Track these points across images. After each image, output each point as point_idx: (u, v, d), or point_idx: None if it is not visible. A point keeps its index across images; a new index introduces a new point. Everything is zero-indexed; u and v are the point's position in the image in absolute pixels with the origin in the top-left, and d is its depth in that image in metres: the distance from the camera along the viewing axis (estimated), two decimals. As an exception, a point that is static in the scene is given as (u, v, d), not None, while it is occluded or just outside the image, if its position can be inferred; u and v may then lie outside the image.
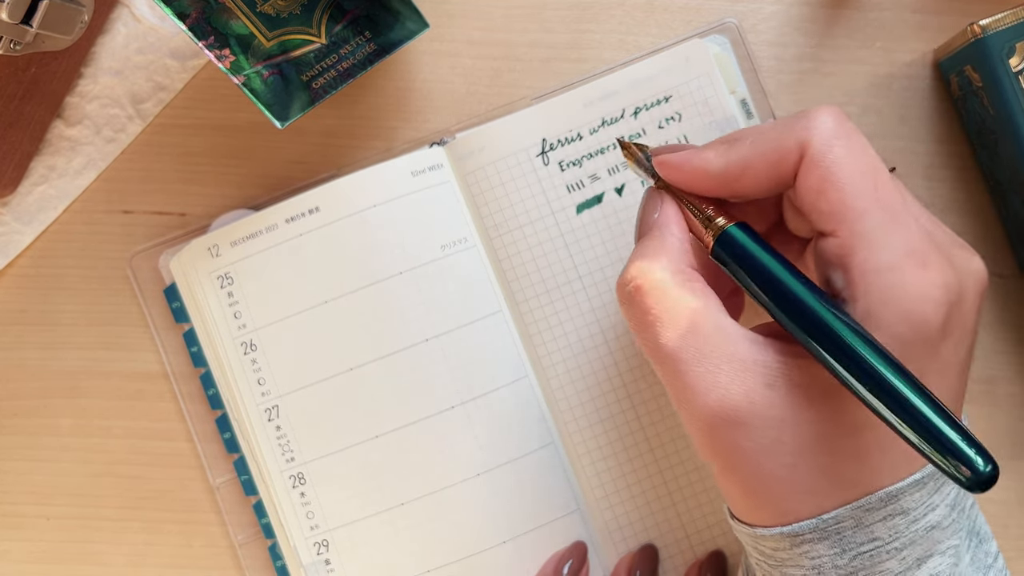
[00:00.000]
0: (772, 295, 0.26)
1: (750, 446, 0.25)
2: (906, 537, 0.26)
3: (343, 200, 0.38)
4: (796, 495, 0.26)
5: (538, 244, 0.38)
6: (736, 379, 0.25)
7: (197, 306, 0.39)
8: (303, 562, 0.38)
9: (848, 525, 0.26)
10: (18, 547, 0.40)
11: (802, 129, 0.27)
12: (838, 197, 0.26)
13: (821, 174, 0.26)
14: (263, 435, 0.38)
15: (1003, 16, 0.35)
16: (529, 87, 0.40)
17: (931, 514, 0.27)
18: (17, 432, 0.40)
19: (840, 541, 0.26)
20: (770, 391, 0.25)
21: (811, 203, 0.26)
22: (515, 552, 0.37)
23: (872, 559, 0.26)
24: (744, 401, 0.25)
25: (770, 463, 0.26)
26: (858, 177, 0.26)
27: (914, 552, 0.27)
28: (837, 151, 0.26)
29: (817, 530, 0.26)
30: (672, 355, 0.26)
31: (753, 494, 0.27)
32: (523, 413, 0.38)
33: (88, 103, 0.40)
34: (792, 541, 0.27)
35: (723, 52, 0.39)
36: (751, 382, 0.25)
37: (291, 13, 0.37)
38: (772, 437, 0.25)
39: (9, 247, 0.40)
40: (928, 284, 0.25)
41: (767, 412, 0.25)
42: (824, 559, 0.26)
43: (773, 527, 0.27)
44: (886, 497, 0.26)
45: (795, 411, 0.25)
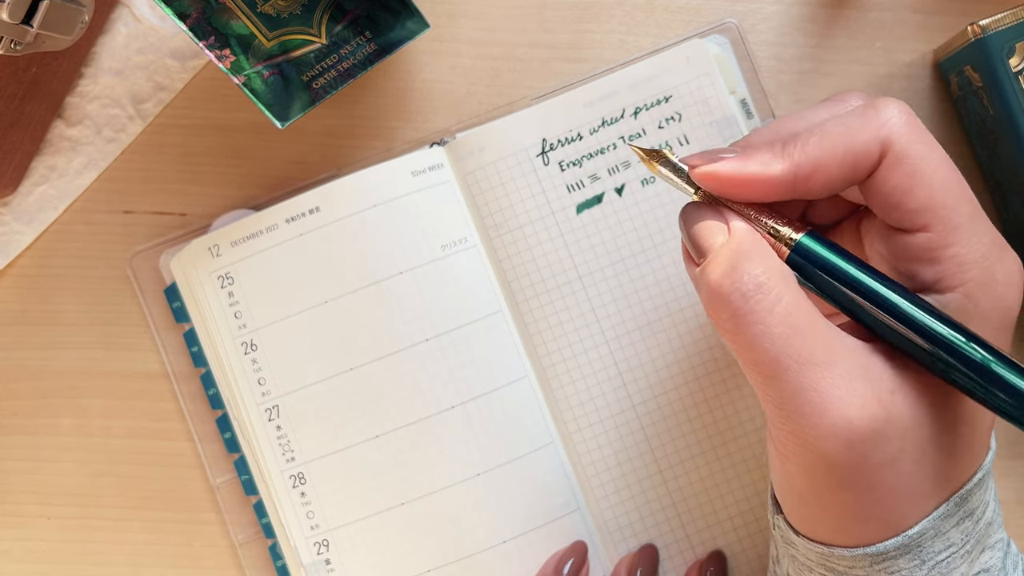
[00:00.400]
0: (864, 299, 0.25)
1: (880, 459, 0.24)
2: (974, 538, 0.26)
3: (343, 200, 0.38)
4: (906, 504, 0.25)
5: (538, 244, 0.38)
6: (871, 387, 0.24)
7: (197, 306, 0.39)
8: (303, 562, 0.38)
9: (928, 536, 0.25)
10: (19, 547, 0.40)
11: (880, 126, 0.25)
12: (928, 194, 0.25)
13: (908, 171, 0.25)
14: (263, 435, 0.38)
15: (1003, 16, 0.35)
16: (529, 87, 0.40)
17: (987, 511, 0.27)
18: (18, 432, 0.40)
19: (920, 553, 0.26)
20: (894, 397, 0.24)
21: (897, 200, 0.25)
22: (515, 552, 0.37)
23: (948, 566, 0.26)
24: (882, 410, 0.24)
25: (892, 475, 0.24)
26: (944, 173, 0.25)
27: (976, 550, 0.26)
28: (920, 147, 0.25)
29: (901, 547, 0.25)
30: (795, 364, 0.24)
31: (861, 512, 0.25)
32: (523, 413, 0.38)
33: (89, 103, 0.40)
34: (873, 559, 0.25)
35: (723, 52, 0.39)
36: (882, 390, 0.24)
37: (291, 13, 0.37)
38: (898, 447, 0.24)
39: (10, 247, 0.40)
40: (1011, 271, 0.26)
41: (899, 420, 0.24)
42: (903, 572, 0.26)
43: (855, 547, 0.25)
44: (959, 500, 0.26)
45: (914, 416, 0.24)
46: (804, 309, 0.24)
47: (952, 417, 0.25)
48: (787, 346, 0.24)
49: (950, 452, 0.25)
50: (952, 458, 0.25)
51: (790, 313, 0.24)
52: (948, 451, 0.25)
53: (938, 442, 0.25)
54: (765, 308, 0.24)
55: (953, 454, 0.25)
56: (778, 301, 0.24)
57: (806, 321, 0.24)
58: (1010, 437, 0.40)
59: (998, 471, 0.40)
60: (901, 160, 0.25)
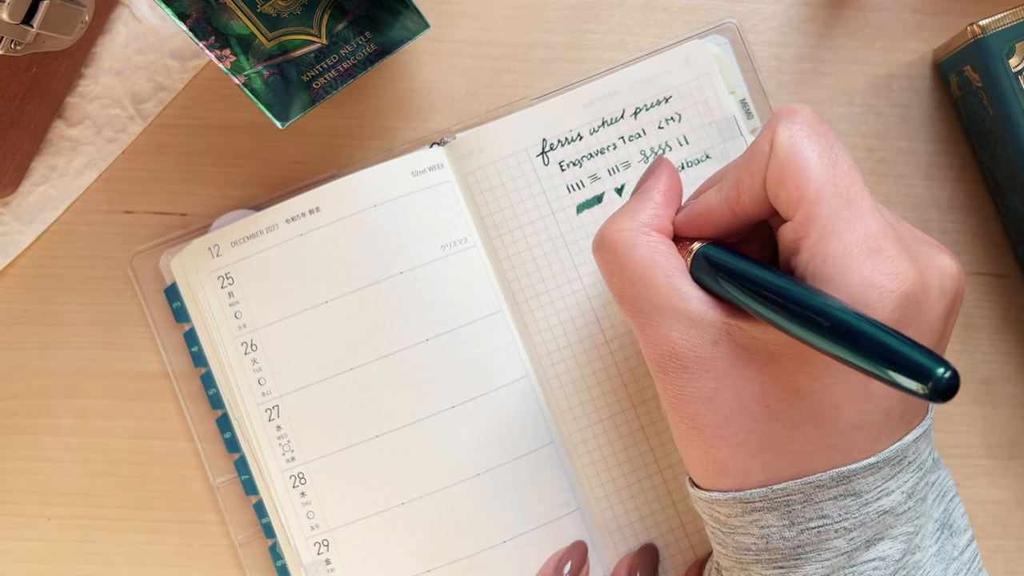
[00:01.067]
0: (723, 268, 0.28)
1: (693, 393, 0.28)
2: (856, 519, 0.27)
3: (343, 200, 0.38)
4: (737, 452, 0.27)
5: (538, 244, 0.38)
6: (685, 333, 0.28)
7: (198, 306, 0.39)
8: (303, 562, 0.38)
9: (798, 499, 0.27)
10: (19, 547, 0.40)
11: (770, 126, 0.27)
12: (795, 184, 0.26)
13: (781, 162, 0.26)
14: (263, 435, 0.38)
15: (1003, 16, 0.35)
16: (529, 87, 0.40)
17: (884, 499, 0.27)
18: (18, 432, 0.40)
19: (789, 514, 0.27)
20: (714, 347, 0.27)
21: (775, 193, 0.27)
22: (515, 552, 0.37)
23: (819, 535, 0.27)
24: (690, 353, 0.27)
25: (708, 412, 0.27)
26: (816, 165, 0.26)
27: (863, 534, 0.27)
28: (798, 139, 0.27)
29: (767, 499, 0.27)
30: (631, 305, 0.29)
31: (700, 444, 0.28)
32: (523, 413, 0.38)
33: (89, 103, 0.40)
34: (744, 508, 0.28)
35: (723, 52, 0.39)
36: (697, 337, 0.27)
37: (291, 13, 0.37)
38: (712, 388, 0.27)
39: (10, 247, 0.40)
40: (877, 273, 0.25)
41: (709, 364, 0.27)
42: (773, 529, 0.27)
43: (727, 491, 0.28)
44: (838, 477, 0.27)
45: (736, 369, 0.27)
46: (648, 261, 0.29)
47: (792, 387, 0.27)
48: (625, 291, 0.29)
49: (795, 425, 0.27)
50: (800, 434, 0.27)
51: (632, 264, 0.29)
52: (794, 424, 0.27)
53: (775, 409, 0.27)
54: (614, 256, 0.29)
55: (800, 429, 0.27)
56: (627, 251, 0.29)
57: (645, 272, 0.29)
58: (1012, 437, 0.40)
59: (998, 471, 0.40)
60: (777, 153, 0.27)
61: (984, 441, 0.40)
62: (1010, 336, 0.40)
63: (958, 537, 0.30)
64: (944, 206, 0.40)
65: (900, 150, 0.40)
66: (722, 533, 0.29)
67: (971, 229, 0.40)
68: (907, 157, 0.40)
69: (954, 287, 0.27)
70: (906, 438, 0.28)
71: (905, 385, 0.21)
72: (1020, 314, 0.40)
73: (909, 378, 0.21)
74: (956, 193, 0.40)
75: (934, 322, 0.26)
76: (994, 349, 0.40)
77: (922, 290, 0.26)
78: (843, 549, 0.27)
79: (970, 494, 0.40)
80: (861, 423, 0.27)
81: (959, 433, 0.40)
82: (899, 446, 0.27)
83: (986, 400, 0.40)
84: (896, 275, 0.25)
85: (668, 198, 0.31)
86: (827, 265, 0.25)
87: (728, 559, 0.30)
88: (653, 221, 0.30)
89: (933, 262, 0.27)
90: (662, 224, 0.30)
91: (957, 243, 0.40)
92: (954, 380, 0.21)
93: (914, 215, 0.40)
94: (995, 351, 0.40)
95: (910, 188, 0.40)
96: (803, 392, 0.27)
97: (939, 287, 0.27)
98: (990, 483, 0.40)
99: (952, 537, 0.30)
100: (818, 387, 0.26)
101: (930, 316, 0.26)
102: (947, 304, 0.27)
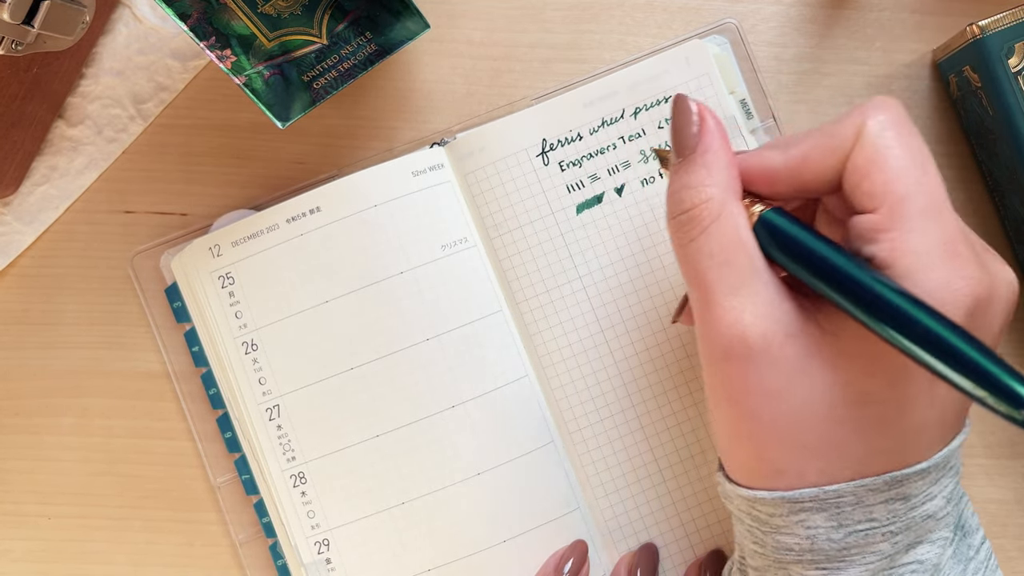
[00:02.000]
0: (805, 259, 0.26)
1: (757, 385, 0.26)
2: (902, 522, 0.27)
3: (344, 200, 0.38)
4: (797, 454, 0.26)
5: (538, 244, 0.38)
6: (760, 319, 0.26)
7: (198, 306, 0.39)
8: (304, 561, 0.38)
9: (849, 501, 0.26)
10: (19, 546, 0.40)
11: (859, 115, 0.27)
12: (883, 178, 0.26)
13: (869, 154, 0.26)
14: (264, 434, 0.38)
15: (1002, 16, 0.36)
16: (529, 87, 0.40)
17: (929, 503, 0.27)
18: (19, 431, 0.40)
19: (838, 515, 0.27)
20: (789, 339, 0.26)
21: (856, 183, 0.26)
22: (515, 551, 0.37)
23: (866, 538, 0.27)
24: (761, 341, 0.26)
25: (772, 409, 0.26)
26: (906, 163, 0.26)
27: (907, 538, 0.27)
28: (888, 135, 0.26)
29: (818, 500, 0.26)
30: (703, 283, 0.27)
31: (754, 443, 0.27)
32: (523, 413, 0.38)
33: (90, 103, 0.40)
34: (791, 508, 0.27)
35: (723, 52, 0.39)
36: (773, 326, 0.26)
37: (292, 13, 0.37)
38: (781, 384, 0.26)
39: (11, 247, 0.40)
40: (954, 274, 0.25)
41: (781, 358, 0.26)
42: (820, 530, 0.27)
43: (774, 491, 0.27)
44: (891, 481, 0.26)
45: (808, 365, 0.26)
46: (736, 236, 0.26)
47: (861, 391, 0.26)
48: (706, 265, 0.27)
49: (858, 429, 0.26)
50: (862, 437, 0.26)
51: (720, 235, 0.27)
52: (856, 427, 0.26)
53: (840, 411, 0.26)
54: (705, 223, 0.27)
55: (863, 433, 0.26)
56: (719, 220, 0.27)
57: (731, 247, 0.26)
58: (1011, 437, 0.40)
59: (998, 471, 0.40)
60: (865, 145, 0.26)
61: (984, 441, 0.40)
62: (1010, 336, 0.40)
63: (971, 537, 0.30)
64: (944, 206, 0.40)
65: (900, 150, 0.40)
66: (761, 532, 0.28)
67: (971, 229, 0.40)
68: (907, 157, 0.40)
69: (1015, 300, 0.27)
70: (953, 443, 0.27)
71: (993, 405, 0.21)
72: (1020, 314, 0.40)
73: (1003, 401, 0.21)
74: (956, 193, 0.40)
75: (996, 330, 0.27)
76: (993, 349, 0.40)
77: (990, 297, 0.26)
78: (887, 552, 0.27)
79: (970, 494, 0.40)
80: (921, 428, 0.27)
81: (959, 433, 0.40)
82: (947, 451, 0.27)
83: (986, 400, 0.40)
84: (971, 279, 0.25)
85: (729, 150, 0.28)
86: (906, 260, 0.25)
87: (764, 558, 0.29)
88: (733, 183, 0.27)
89: (1000, 272, 0.27)
90: (738, 188, 0.28)
91: (957, 243, 0.40)
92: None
93: (914, 215, 0.40)
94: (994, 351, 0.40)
95: (910, 188, 0.40)
96: (873, 397, 0.26)
97: (1005, 297, 0.27)
98: (990, 483, 0.40)
99: (966, 537, 0.30)
100: (888, 393, 0.26)
101: (993, 324, 0.26)
102: (1008, 314, 0.27)
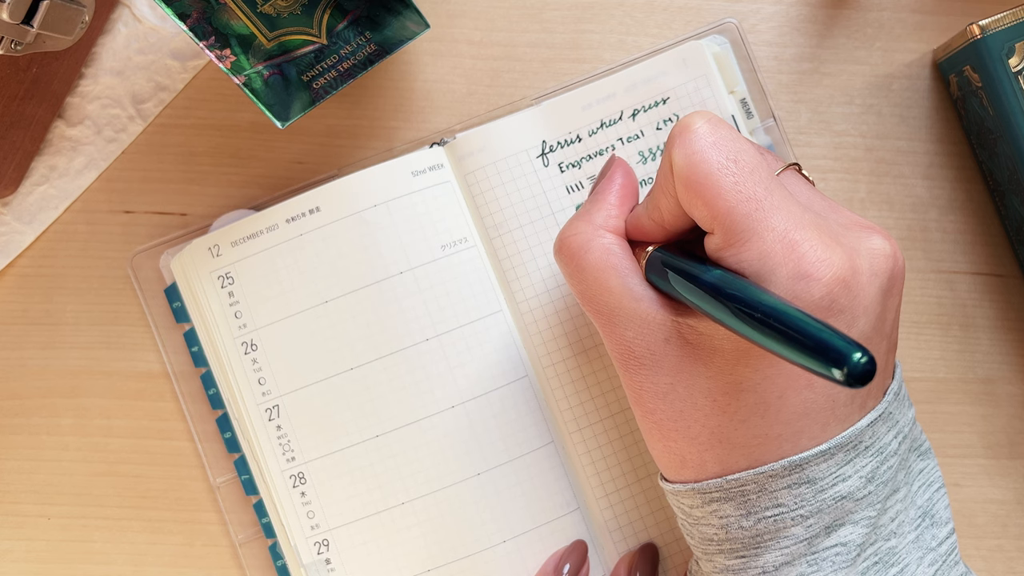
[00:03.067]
0: (669, 269, 0.28)
1: (650, 388, 0.29)
2: (812, 506, 0.27)
3: (344, 200, 0.38)
4: (690, 444, 0.28)
5: (538, 244, 0.38)
6: (638, 332, 0.29)
7: (198, 306, 0.39)
8: (303, 561, 0.38)
9: (752, 489, 0.28)
10: (19, 546, 0.40)
11: (668, 147, 0.28)
12: (702, 202, 0.26)
13: (683, 186, 0.27)
14: (264, 435, 0.38)
15: (1002, 16, 0.36)
16: (529, 87, 0.40)
17: (841, 485, 0.27)
18: (18, 431, 0.40)
19: (745, 504, 0.28)
20: (665, 344, 0.28)
21: (689, 213, 0.28)
22: (515, 551, 0.37)
23: (776, 523, 0.28)
24: (644, 351, 0.29)
25: (665, 407, 0.28)
26: (716, 179, 0.26)
27: (822, 520, 0.27)
28: (692, 160, 0.27)
29: (722, 490, 0.28)
30: (591, 306, 0.30)
31: (660, 437, 0.29)
32: (523, 413, 0.38)
33: (89, 103, 0.40)
34: (703, 499, 0.29)
35: (723, 52, 0.39)
36: (650, 336, 0.28)
37: (292, 13, 0.37)
38: (667, 383, 0.28)
39: (10, 247, 0.40)
40: (801, 263, 0.25)
41: (663, 361, 0.28)
42: (731, 519, 0.28)
43: (687, 483, 0.29)
44: (790, 466, 0.27)
45: (686, 364, 0.28)
46: (604, 264, 0.30)
47: (735, 381, 0.27)
48: (584, 294, 0.30)
49: (743, 418, 0.27)
50: (746, 425, 0.27)
51: (589, 267, 0.30)
52: (740, 417, 0.27)
53: (722, 402, 0.28)
54: (573, 260, 0.30)
55: (747, 421, 0.27)
56: (584, 255, 0.30)
57: (601, 276, 0.30)
58: (1011, 437, 0.40)
59: (998, 471, 0.40)
60: (678, 181, 0.27)
61: (983, 441, 0.40)
62: (1010, 336, 0.40)
63: (939, 528, 0.30)
64: (944, 206, 0.40)
65: (900, 150, 0.40)
66: (688, 524, 0.30)
67: (971, 229, 0.40)
68: (907, 157, 0.40)
69: (888, 266, 0.27)
70: (859, 423, 0.28)
71: (821, 371, 0.21)
72: (1020, 314, 0.40)
73: (824, 364, 0.21)
74: (956, 193, 0.40)
75: (869, 303, 0.26)
76: (994, 349, 0.40)
77: (851, 274, 0.26)
78: (802, 536, 0.28)
79: (970, 494, 0.40)
80: (806, 411, 0.27)
81: (959, 433, 0.40)
82: (852, 431, 0.27)
83: (986, 400, 0.40)
84: (820, 262, 0.25)
85: (622, 198, 0.32)
86: (754, 268, 0.26)
87: (696, 550, 0.31)
88: (607, 223, 0.31)
89: (862, 244, 0.27)
90: (616, 225, 0.31)
91: (957, 243, 0.40)
92: (870, 365, 0.20)
93: (914, 215, 0.40)
94: (995, 351, 0.40)
95: (910, 188, 0.40)
96: (746, 385, 0.27)
97: (869, 268, 0.27)
98: (990, 483, 0.40)
99: (932, 527, 0.30)
100: (759, 379, 0.27)
101: (863, 298, 0.26)
102: (881, 284, 0.27)
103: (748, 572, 0.28)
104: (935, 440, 0.40)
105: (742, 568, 0.28)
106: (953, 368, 0.40)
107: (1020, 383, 0.40)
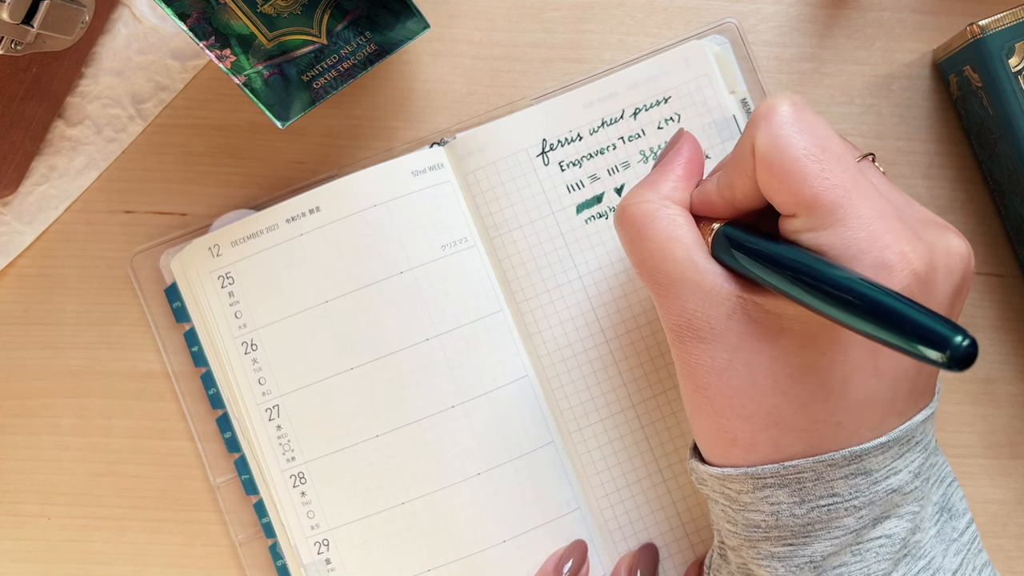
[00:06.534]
0: (746, 255, 0.28)
1: (706, 363, 0.28)
2: (865, 497, 0.27)
3: (344, 200, 0.38)
4: (744, 423, 0.28)
5: (538, 244, 0.38)
6: (700, 305, 0.28)
7: (198, 306, 0.39)
8: (303, 561, 0.38)
9: (809, 477, 0.27)
10: (19, 546, 0.40)
11: (750, 130, 0.27)
12: (785, 188, 0.26)
13: (766, 171, 0.27)
14: (264, 435, 0.38)
15: (1002, 16, 0.35)
16: (529, 87, 0.40)
17: (893, 478, 0.27)
18: (18, 431, 0.40)
19: (800, 491, 0.27)
20: (728, 320, 0.28)
21: (770, 197, 0.27)
22: (515, 551, 0.37)
23: (829, 513, 0.27)
24: (704, 324, 0.28)
25: (720, 383, 0.28)
26: (802, 166, 0.26)
27: (872, 512, 0.27)
28: (779, 145, 0.26)
29: (778, 476, 0.28)
30: (650, 276, 0.29)
31: (711, 414, 0.29)
32: (523, 413, 0.38)
33: (89, 103, 0.40)
34: (755, 484, 0.28)
35: (723, 52, 0.39)
36: (712, 309, 0.28)
37: (292, 13, 0.37)
38: (725, 359, 0.28)
39: (10, 247, 0.40)
40: (885, 253, 0.25)
41: (722, 336, 0.28)
42: (783, 506, 0.28)
43: (740, 467, 0.28)
44: (850, 456, 0.27)
45: (748, 342, 0.27)
46: (668, 234, 0.29)
47: (799, 363, 0.27)
48: (645, 262, 0.30)
49: (803, 402, 0.27)
50: (806, 411, 0.27)
51: (652, 235, 0.29)
52: (801, 401, 0.27)
53: (783, 384, 0.27)
54: (636, 227, 0.30)
55: (806, 407, 0.27)
56: (648, 223, 0.30)
57: (665, 244, 0.29)
58: (1011, 437, 0.40)
59: (998, 470, 0.40)
60: (760, 163, 0.27)
61: (984, 441, 0.40)
62: (1010, 336, 0.40)
63: (957, 520, 0.30)
64: (944, 206, 0.40)
65: (900, 150, 0.40)
66: (732, 510, 0.29)
67: (971, 229, 0.40)
68: (907, 157, 0.40)
69: (962, 267, 0.27)
70: (916, 418, 0.28)
71: (924, 354, 0.21)
72: (1020, 314, 0.40)
73: (927, 347, 0.21)
74: (956, 193, 0.40)
75: (940, 301, 0.27)
76: (994, 349, 0.40)
77: (929, 269, 0.26)
78: (852, 527, 0.27)
79: (970, 493, 0.40)
80: (867, 400, 0.27)
81: (959, 433, 0.40)
82: (908, 426, 0.28)
83: (986, 400, 0.40)
84: (903, 255, 0.25)
85: (688, 171, 0.31)
86: (836, 252, 0.26)
87: (737, 537, 0.30)
88: (673, 194, 0.30)
89: (940, 241, 0.27)
90: (682, 197, 0.30)
91: (957, 243, 0.40)
92: (972, 348, 0.20)
93: (914, 215, 0.40)
94: (995, 351, 0.40)
95: (910, 188, 0.40)
96: (811, 368, 0.27)
97: (946, 266, 0.27)
98: (990, 483, 0.40)
99: (951, 520, 0.30)
100: (825, 363, 0.27)
101: (937, 296, 0.26)
102: (955, 283, 0.27)
103: (794, 560, 0.28)
104: (936, 439, 0.40)
105: (788, 556, 0.28)
106: (953, 368, 0.40)
107: (1020, 383, 0.40)
